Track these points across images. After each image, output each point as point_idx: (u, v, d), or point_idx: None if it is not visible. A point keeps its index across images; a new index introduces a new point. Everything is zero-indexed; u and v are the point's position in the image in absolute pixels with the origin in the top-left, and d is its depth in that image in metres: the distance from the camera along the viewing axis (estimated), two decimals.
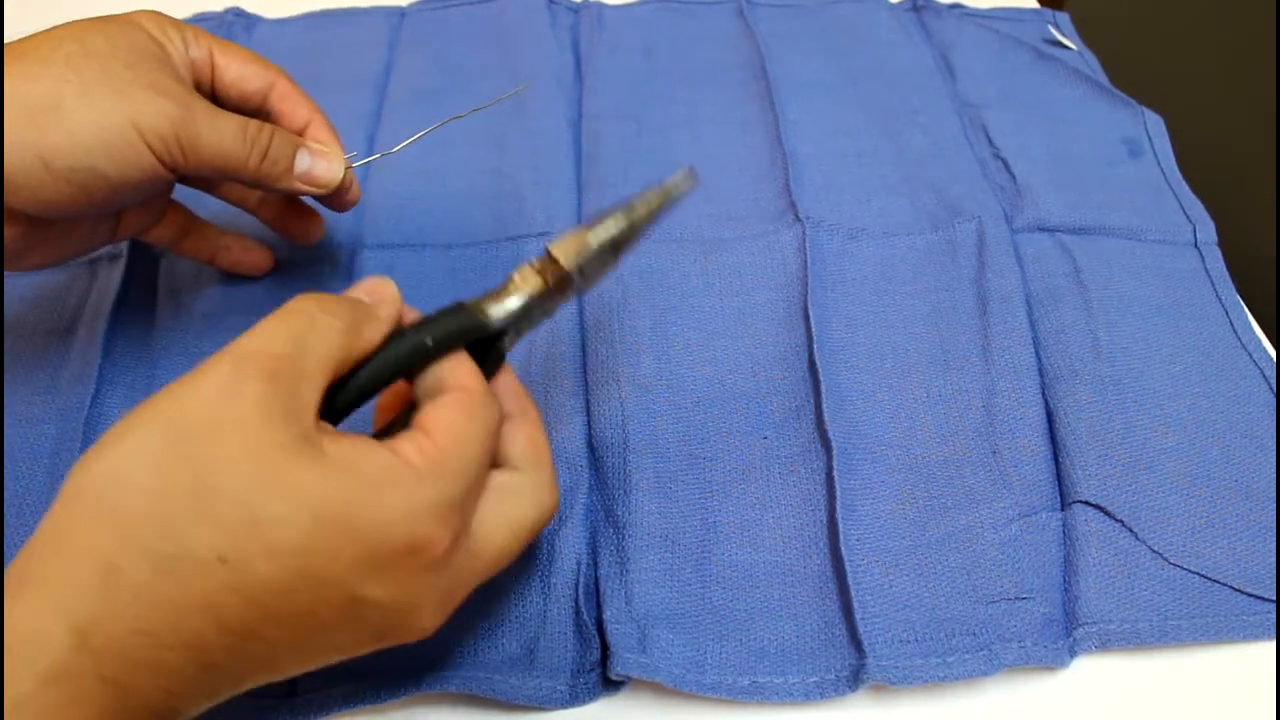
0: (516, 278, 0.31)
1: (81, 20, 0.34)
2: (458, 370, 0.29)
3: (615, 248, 0.31)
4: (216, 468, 0.24)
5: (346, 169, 0.39)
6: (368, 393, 0.28)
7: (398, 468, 0.26)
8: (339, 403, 0.28)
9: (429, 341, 0.28)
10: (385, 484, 0.25)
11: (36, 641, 0.22)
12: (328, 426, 0.27)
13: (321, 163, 0.38)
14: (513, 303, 0.31)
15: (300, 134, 0.38)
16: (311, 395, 0.26)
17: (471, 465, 0.27)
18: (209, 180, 0.41)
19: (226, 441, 0.24)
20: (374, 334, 0.28)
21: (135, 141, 0.32)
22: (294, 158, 0.37)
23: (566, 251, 0.31)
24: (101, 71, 0.32)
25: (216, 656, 0.24)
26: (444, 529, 0.26)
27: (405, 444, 0.27)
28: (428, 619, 0.27)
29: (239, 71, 0.37)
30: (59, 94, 0.31)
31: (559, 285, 0.31)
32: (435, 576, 0.27)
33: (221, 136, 0.34)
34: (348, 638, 0.26)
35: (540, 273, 0.31)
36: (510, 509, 0.29)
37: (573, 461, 0.39)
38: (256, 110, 0.38)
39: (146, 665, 0.23)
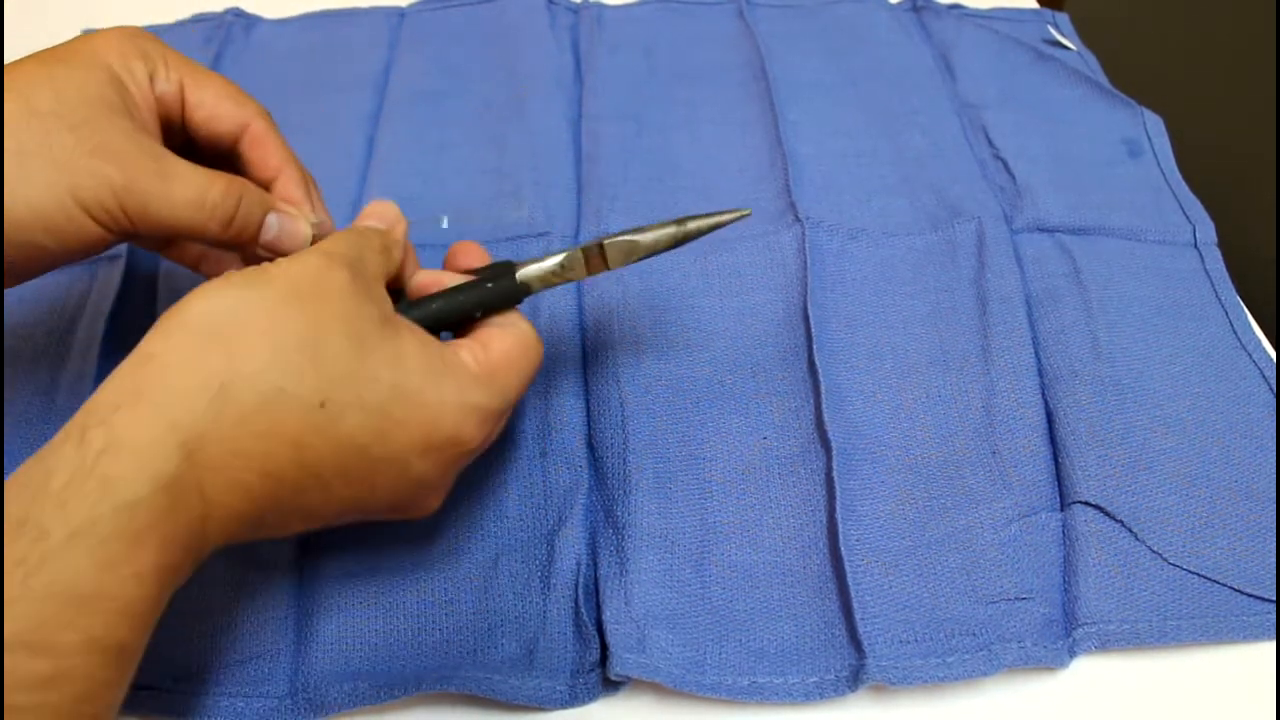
0: (566, 261, 0.34)
1: (33, 60, 0.32)
2: (521, 320, 0.34)
3: (655, 253, 0.35)
4: (324, 324, 0.28)
5: (316, 229, 0.36)
6: (446, 322, 0.33)
7: (459, 365, 0.30)
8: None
9: (478, 315, 0.33)
10: (447, 374, 0.30)
11: (151, 449, 0.24)
12: (402, 318, 0.31)
13: (289, 228, 0.35)
14: (554, 281, 0.34)
15: (268, 186, 0.36)
16: (382, 292, 0.30)
17: (512, 390, 0.32)
18: (162, 242, 0.38)
19: (331, 305, 0.28)
20: (399, 254, 0.33)
21: (76, 215, 0.30)
22: (261, 222, 0.34)
23: (617, 255, 0.34)
24: (41, 138, 0.30)
25: (286, 492, 0.27)
26: (479, 431, 0.31)
27: (465, 351, 0.31)
28: (437, 500, 0.32)
29: (210, 111, 0.35)
30: None
31: (590, 274, 0.35)
32: (457, 468, 0.31)
33: (174, 206, 0.32)
34: (379, 502, 0.30)
35: (587, 264, 0.34)
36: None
37: (573, 461, 0.39)
38: (227, 152, 0.36)
39: (235, 487, 0.26)
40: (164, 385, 0.25)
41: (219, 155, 0.36)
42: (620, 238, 0.34)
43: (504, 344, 0.32)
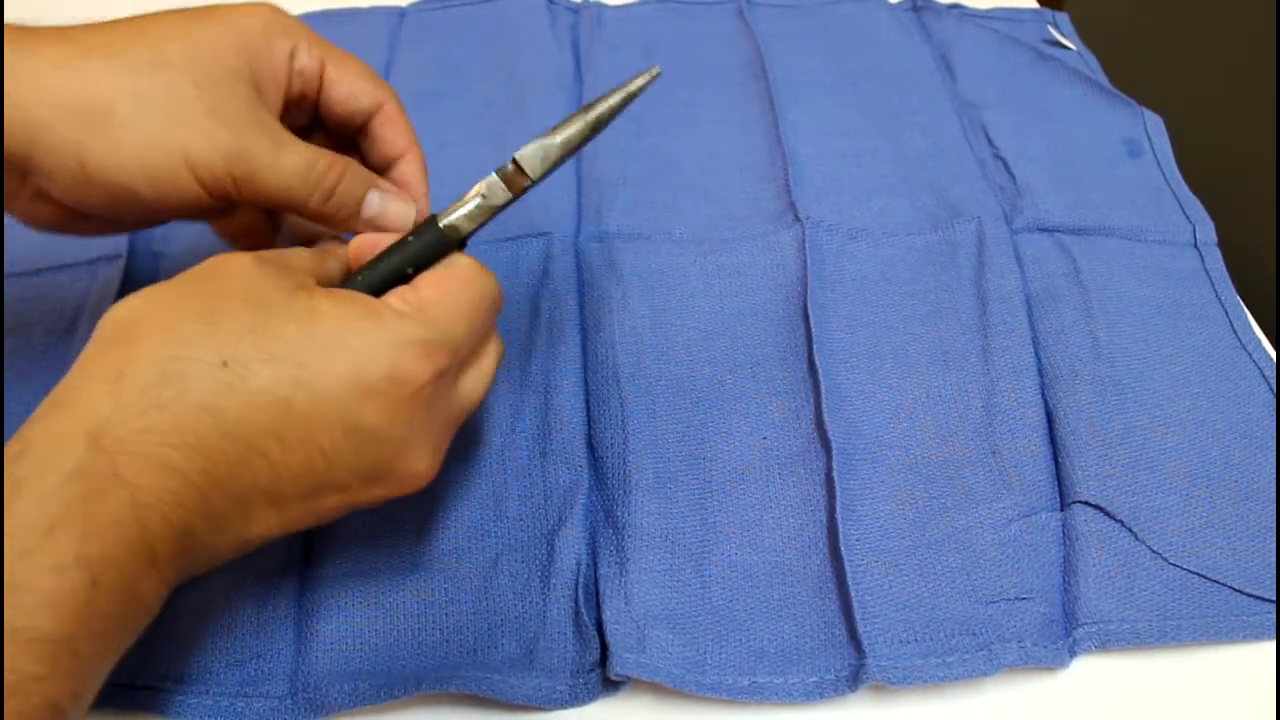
0: (483, 189, 0.33)
1: (175, 15, 0.32)
2: (459, 258, 0.33)
3: (575, 150, 0.33)
4: (222, 294, 0.28)
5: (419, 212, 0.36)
6: (378, 289, 0.32)
7: (381, 307, 0.29)
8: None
9: (410, 272, 0.32)
10: (368, 317, 0.29)
11: (57, 445, 0.25)
12: (318, 288, 0.30)
13: (394, 205, 0.35)
14: (480, 214, 0.33)
15: (392, 164, 0.36)
16: (301, 273, 0.30)
17: (455, 320, 0.30)
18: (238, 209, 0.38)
19: (230, 280, 0.28)
20: (337, 267, 0.33)
21: (181, 171, 0.31)
22: (363, 199, 0.34)
23: (533, 163, 0.33)
24: (166, 89, 0.31)
25: (219, 466, 0.26)
26: (424, 364, 0.29)
27: (392, 296, 0.30)
28: (423, 460, 0.30)
29: (350, 88, 0.35)
30: (112, 103, 0.30)
31: (521, 193, 0.34)
32: (424, 412, 0.29)
33: (281, 175, 0.32)
34: (348, 473, 0.29)
35: (509, 184, 0.33)
36: (486, 361, 0.33)
37: (572, 461, 0.39)
38: (355, 132, 0.36)
39: (152, 462, 0.25)
40: (69, 387, 0.26)
41: (345, 138, 0.36)
42: (530, 145, 0.33)
43: (435, 280, 0.31)
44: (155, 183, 0.31)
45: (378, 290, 0.31)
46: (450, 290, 0.31)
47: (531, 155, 0.33)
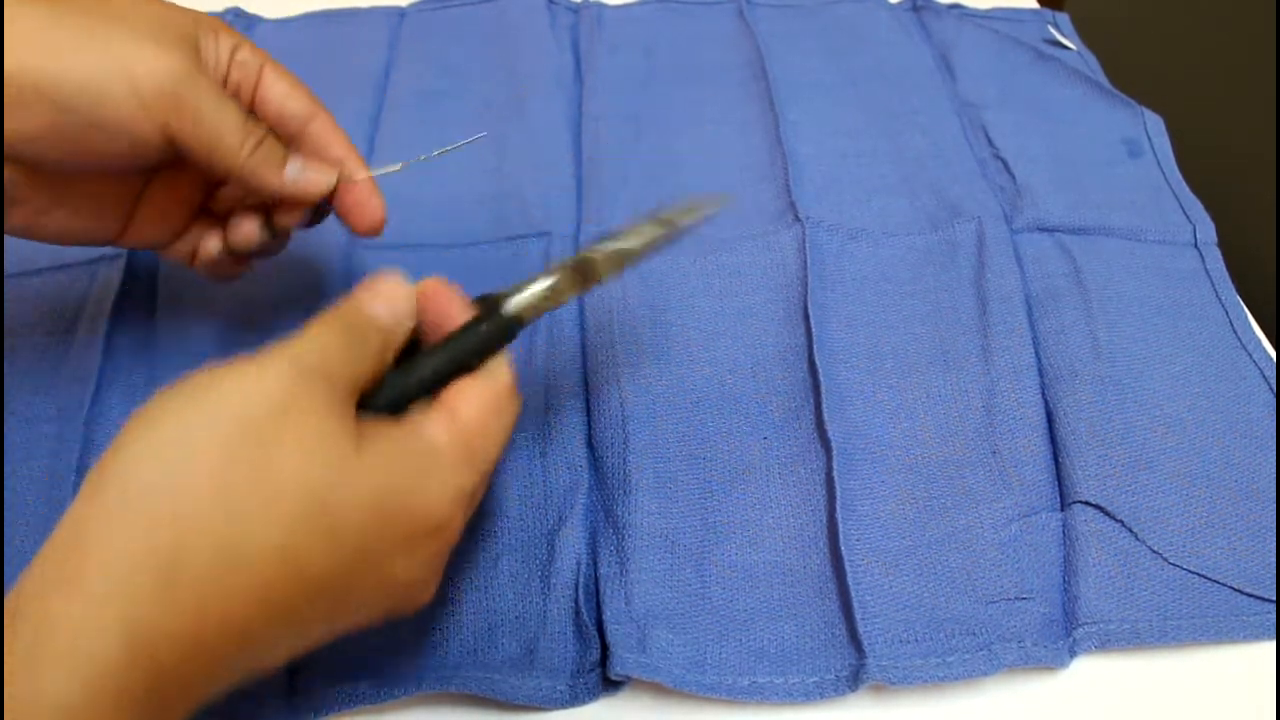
0: (559, 283, 0.32)
1: None
2: (499, 367, 0.30)
3: (644, 257, 0.33)
4: (280, 460, 0.24)
5: (371, 182, 0.37)
6: (422, 391, 0.30)
7: (434, 455, 0.28)
8: (399, 396, 0.29)
9: (475, 363, 0.30)
10: (428, 471, 0.27)
11: (87, 645, 0.21)
12: (364, 420, 0.28)
13: (312, 176, 0.35)
14: (546, 305, 0.32)
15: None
16: (353, 400, 0.27)
17: (491, 456, 0.29)
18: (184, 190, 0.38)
19: (291, 435, 0.25)
20: (391, 356, 0.29)
21: (123, 89, 0.30)
22: (285, 161, 0.35)
23: (607, 265, 0.32)
24: (118, 15, 0.31)
25: (258, 637, 0.24)
26: (463, 513, 0.29)
27: (436, 427, 0.28)
28: (430, 591, 0.30)
29: (286, 90, 0.35)
30: (57, 24, 0.30)
31: (582, 291, 0.33)
32: (445, 554, 0.29)
33: (221, 115, 0.32)
34: (368, 612, 0.28)
35: (575, 281, 0.32)
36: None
37: (573, 461, 0.39)
38: (290, 136, 0.36)
39: (192, 651, 0.23)
40: (106, 570, 0.22)
41: (281, 137, 0.36)
42: (608, 247, 0.32)
43: (476, 407, 0.29)
44: (96, 98, 0.30)
45: (446, 382, 0.29)
46: (489, 422, 0.29)
47: (608, 259, 0.32)
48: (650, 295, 0.44)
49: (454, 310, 0.31)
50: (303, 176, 0.35)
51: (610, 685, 0.34)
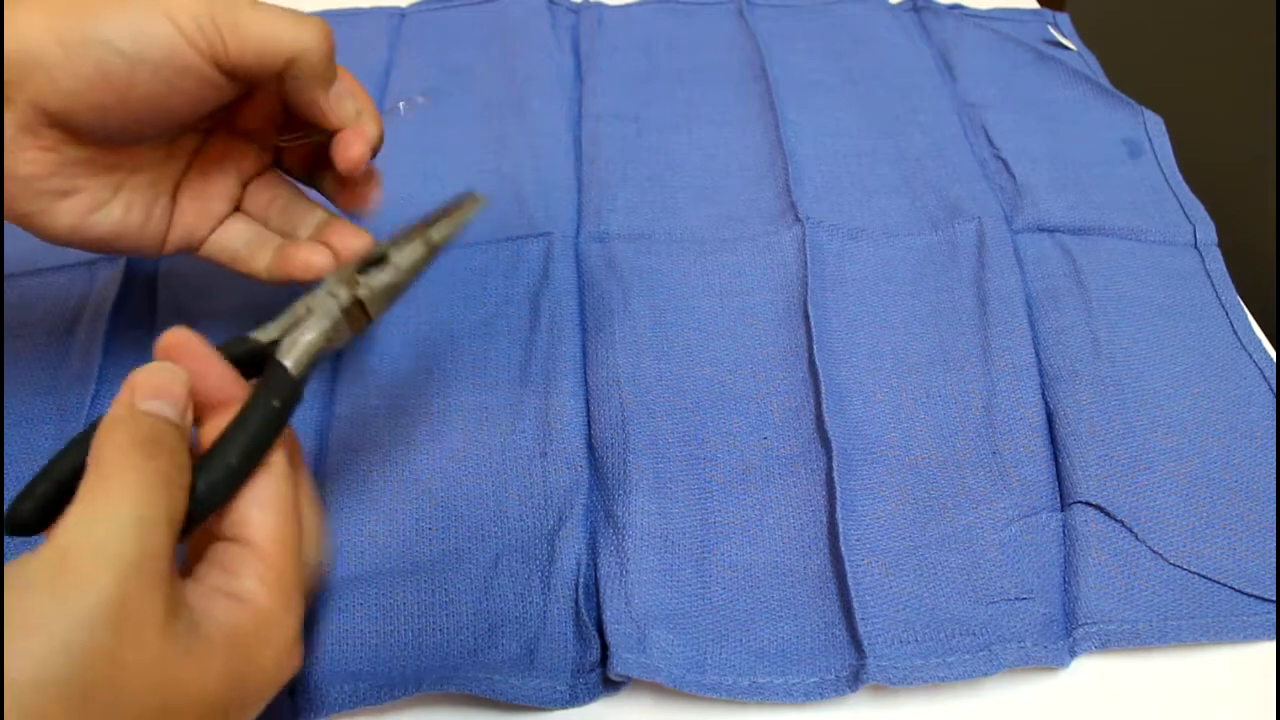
0: (329, 336, 0.30)
1: None
2: (271, 463, 0.28)
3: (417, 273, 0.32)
4: (108, 681, 0.22)
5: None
6: (219, 504, 0.27)
7: (260, 623, 0.26)
8: (204, 512, 0.26)
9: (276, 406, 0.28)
10: (263, 641, 0.26)
11: None
12: (188, 591, 0.26)
13: (349, 100, 0.35)
14: (322, 352, 0.30)
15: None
16: (173, 556, 0.25)
17: (300, 567, 0.28)
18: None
19: (112, 648, 0.22)
20: (187, 476, 0.27)
21: (168, 31, 0.29)
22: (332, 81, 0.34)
23: (377, 302, 0.31)
24: None
25: None
26: (300, 646, 0.28)
27: (251, 582, 0.26)
28: (287, 675, 0.28)
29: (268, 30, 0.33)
30: None
31: (359, 331, 0.31)
32: (297, 657, 0.28)
33: (263, 22, 0.31)
34: None
35: (351, 324, 0.31)
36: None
37: (573, 461, 0.39)
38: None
39: None
40: None
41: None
42: (375, 282, 0.31)
43: (271, 533, 0.27)
44: (143, 49, 0.29)
45: (247, 475, 0.27)
46: (288, 540, 0.28)
47: (376, 296, 0.30)
48: (650, 295, 0.44)
49: (210, 369, 0.29)
50: (342, 101, 0.35)
51: (610, 685, 0.34)
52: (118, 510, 0.23)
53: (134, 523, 0.23)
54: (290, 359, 0.29)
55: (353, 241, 0.36)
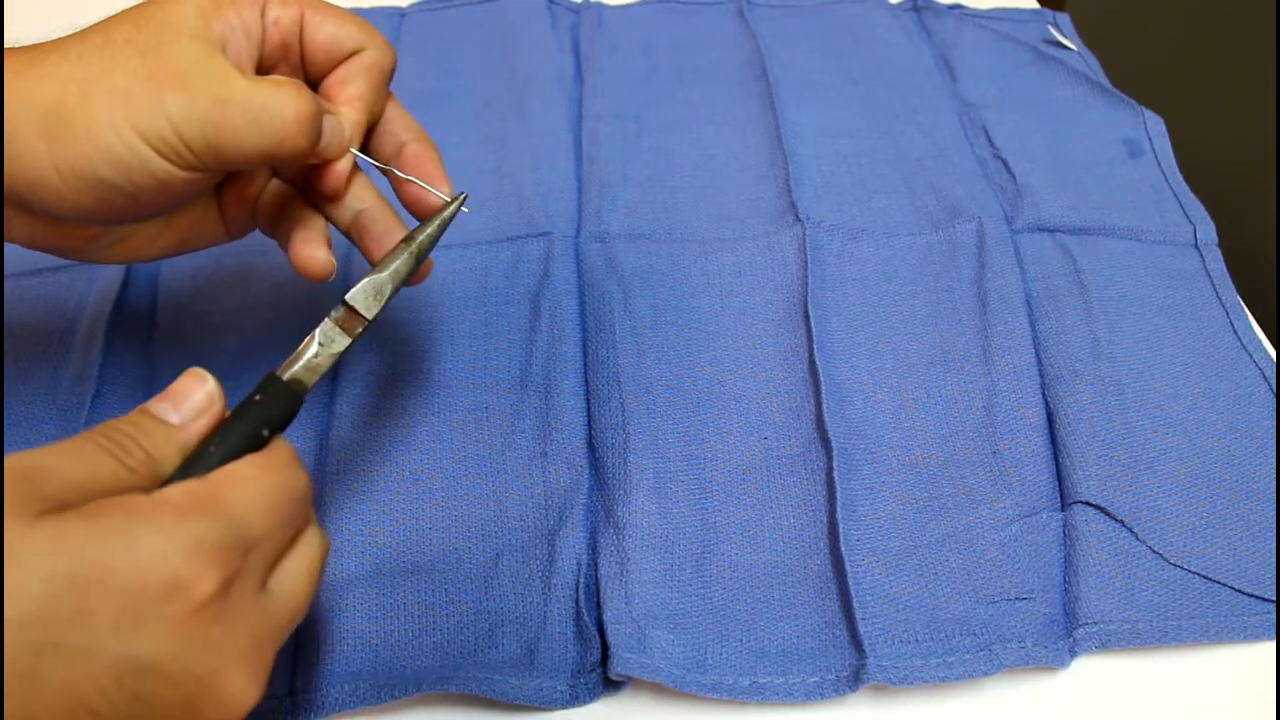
0: (320, 338, 0.31)
1: (133, 7, 0.30)
2: (272, 446, 0.28)
3: (404, 282, 0.32)
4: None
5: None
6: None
7: (153, 507, 0.23)
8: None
9: (265, 434, 0.28)
10: (136, 523, 0.23)
11: None
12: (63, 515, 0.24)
13: (333, 128, 0.32)
14: (322, 365, 0.31)
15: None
16: (57, 490, 0.23)
17: (252, 509, 0.25)
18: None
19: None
20: (185, 448, 0.27)
21: (136, 146, 0.28)
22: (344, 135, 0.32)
23: (367, 301, 0.31)
24: (110, 66, 0.28)
25: None
26: (208, 569, 0.23)
27: (175, 489, 0.25)
28: (237, 681, 0.24)
29: (334, 26, 0.32)
30: (63, 96, 0.28)
31: (359, 335, 0.32)
32: (217, 627, 0.23)
33: (255, 116, 0.29)
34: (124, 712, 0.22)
35: (345, 328, 0.31)
36: (305, 554, 0.28)
37: (573, 461, 0.39)
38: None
39: None
40: None
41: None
42: (359, 285, 0.31)
43: (233, 467, 0.26)
44: (118, 166, 0.28)
45: (229, 457, 0.27)
46: (248, 476, 0.26)
47: (363, 294, 0.31)
48: (650, 295, 0.44)
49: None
50: (328, 139, 0.32)
51: (610, 685, 0.34)
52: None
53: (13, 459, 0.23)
54: (287, 370, 0.30)
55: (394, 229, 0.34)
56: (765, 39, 0.58)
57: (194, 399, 0.27)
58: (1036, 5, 0.63)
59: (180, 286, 0.45)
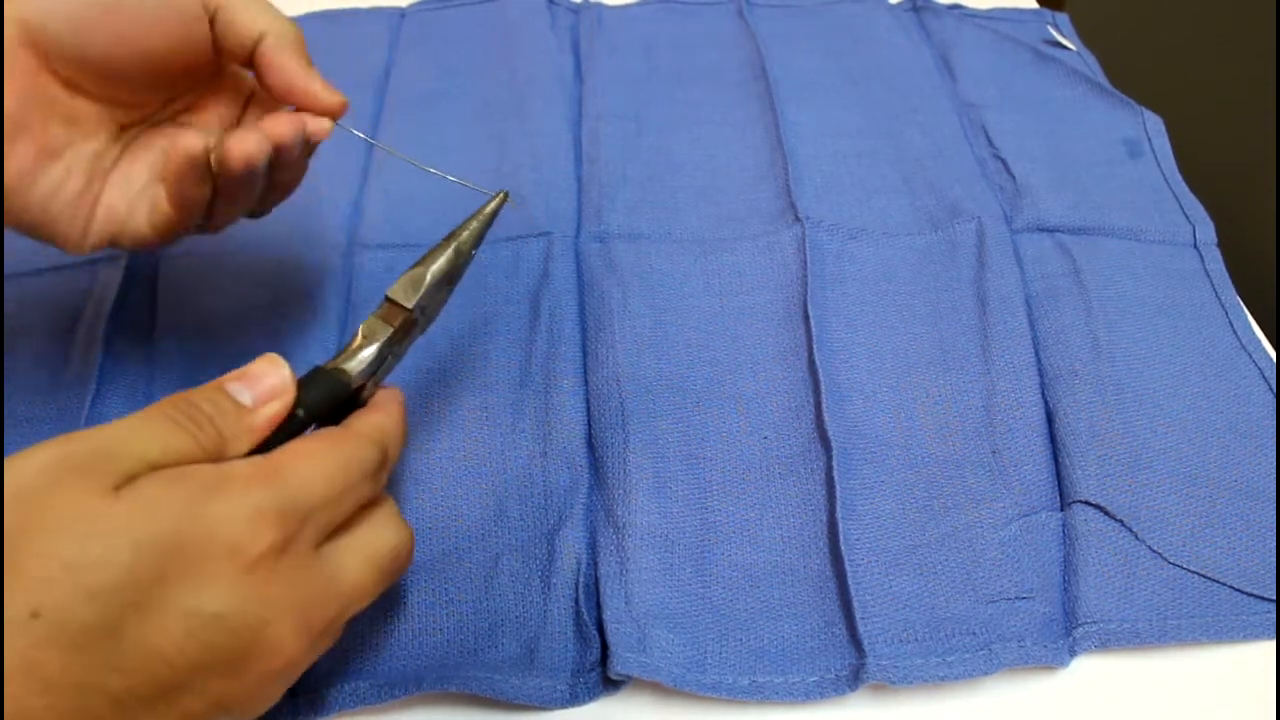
0: (364, 330, 0.32)
1: None
2: (348, 422, 0.30)
3: (449, 280, 0.34)
4: (26, 529, 0.23)
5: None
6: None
7: (222, 478, 0.26)
8: None
9: (300, 414, 0.29)
10: (207, 493, 0.25)
11: None
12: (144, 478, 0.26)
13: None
14: (367, 355, 0.32)
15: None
16: (132, 465, 0.25)
17: (313, 480, 0.27)
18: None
19: (36, 506, 0.23)
20: (259, 431, 0.28)
21: None
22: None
23: (405, 293, 0.33)
24: None
25: (39, 713, 0.23)
26: (265, 530, 0.25)
27: (240, 462, 0.27)
28: (287, 634, 0.26)
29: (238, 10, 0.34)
30: None
31: (405, 327, 0.33)
32: (270, 584, 0.26)
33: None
34: (201, 672, 0.25)
35: (386, 319, 0.32)
36: (370, 537, 0.29)
37: (573, 461, 0.39)
38: (245, 62, 0.35)
39: None
40: None
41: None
42: (400, 279, 0.33)
43: (296, 444, 0.28)
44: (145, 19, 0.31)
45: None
46: (313, 450, 0.27)
47: (400, 286, 0.33)
48: (651, 295, 0.44)
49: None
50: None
51: (610, 685, 0.34)
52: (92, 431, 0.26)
53: (82, 436, 0.25)
54: (332, 364, 0.31)
55: (283, 126, 0.35)
56: (765, 39, 0.58)
57: (268, 382, 0.29)
58: (1036, 5, 0.63)
59: (180, 286, 0.45)
